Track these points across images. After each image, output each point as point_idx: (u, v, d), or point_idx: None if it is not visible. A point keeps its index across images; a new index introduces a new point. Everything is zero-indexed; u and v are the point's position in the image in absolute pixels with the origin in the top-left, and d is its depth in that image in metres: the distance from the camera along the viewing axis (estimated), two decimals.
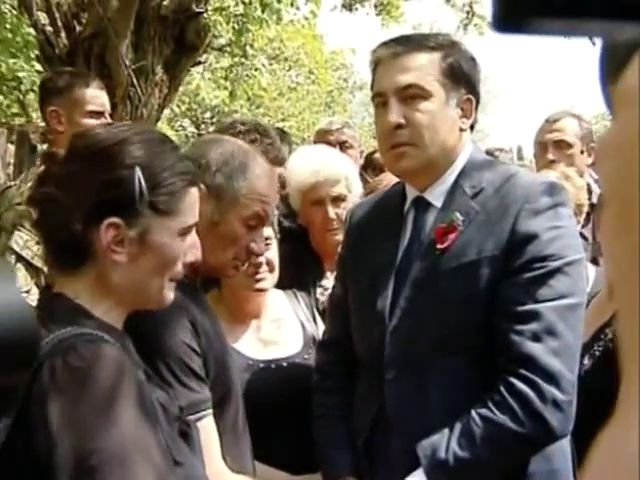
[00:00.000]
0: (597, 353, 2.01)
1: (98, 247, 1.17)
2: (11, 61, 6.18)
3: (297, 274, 2.23)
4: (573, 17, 0.34)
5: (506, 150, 5.71)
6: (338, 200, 2.23)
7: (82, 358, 1.08)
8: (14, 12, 5.71)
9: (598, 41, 0.44)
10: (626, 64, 0.39)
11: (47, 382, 1.06)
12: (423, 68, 1.57)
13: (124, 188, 1.17)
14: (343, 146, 3.26)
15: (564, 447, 1.57)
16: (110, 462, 1.01)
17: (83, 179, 1.17)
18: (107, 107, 2.69)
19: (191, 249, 1.27)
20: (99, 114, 2.62)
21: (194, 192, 1.27)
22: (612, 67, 0.42)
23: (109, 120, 2.67)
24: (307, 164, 2.30)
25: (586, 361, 1.93)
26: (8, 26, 5.76)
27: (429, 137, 1.57)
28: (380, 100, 1.62)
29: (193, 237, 1.28)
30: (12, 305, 0.48)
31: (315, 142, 3.46)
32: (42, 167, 1.24)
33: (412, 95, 1.56)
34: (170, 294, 1.26)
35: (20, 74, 6.27)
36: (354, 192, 2.28)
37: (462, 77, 1.60)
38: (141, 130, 1.28)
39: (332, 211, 2.21)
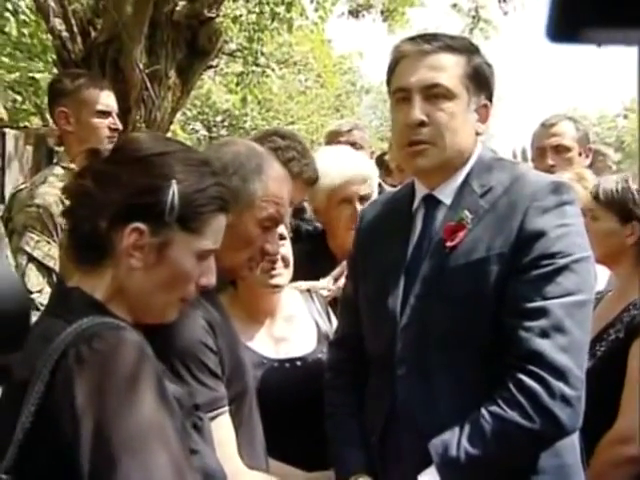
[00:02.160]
0: (599, 353, 2.03)
1: (118, 248, 1.20)
2: (30, 64, 6.25)
3: (313, 274, 2.26)
4: (627, 28, 0.35)
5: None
6: (364, 199, 2.26)
7: (107, 343, 1.11)
8: (32, 18, 5.78)
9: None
10: None
11: (73, 367, 1.08)
12: (449, 68, 1.57)
13: (157, 197, 1.19)
14: (353, 147, 3.29)
15: (574, 442, 1.58)
16: (129, 446, 1.04)
17: (120, 180, 1.20)
18: (115, 107, 2.71)
19: (206, 273, 1.28)
20: (107, 114, 2.65)
21: (222, 219, 1.29)
22: None
23: (117, 121, 2.70)
24: (334, 163, 2.33)
25: (587, 361, 1.95)
26: (26, 31, 5.84)
27: (449, 138, 1.57)
28: (402, 95, 1.61)
29: (210, 262, 1.29)
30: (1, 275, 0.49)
31: (326, 144, 3.49)
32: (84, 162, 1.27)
33: (437, 94, 1.57)
34: (174, 313, 1.28)
35: (37, 75, 6.32)
36: (375, 192, 2.32)
37: (484, 82, 1.62)
38: (186, 148, 1.32)
39: (360, 209, 2.24)
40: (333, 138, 3.48)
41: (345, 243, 2.30)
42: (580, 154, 3.01)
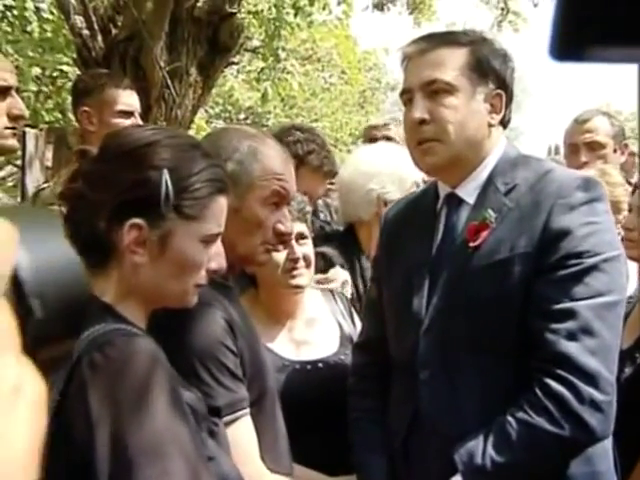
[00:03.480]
0: (639, 360, 1.96)
1: (120, 247, 1.18)
2: (55, 56, 6.30)
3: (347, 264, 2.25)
4: (632, 45, 0.34)
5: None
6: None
7: (120, 351, 1.09)
8: (55, 14, 5.82)
9: None
10: None
11: (87, 375, 1.07)
12: (447, 62, 1.56)
13: (150, 189, 1.17)
14: (389, 142, 3.27)
15: (606, 448, 1.54)
16: (145, 453, 1.03)
17: (111, 178, 1.18)
18: (137, 107, 2.71)
19: (215, 257, 1.27)
20: (129, 114, 2.64)
21: (221, 201, 1.26)
22: None
23: (139, 120, 2.69)
24: (387, 162, 2.31)
25: (627, 368, 1.88)
26: (48, 28, 5.89)
27: (454, 132, 1.55)
28: (407, 97, 1.61)
29: (218, 246, 1.27)
30: (61, 261, 0.46)
31: (363, 138, 3.48)
32: (75, 165, 1.25)
33: (436, 90, 1.55)
34: (194, 299, 1.26)
35: (65, 68, 6.37)
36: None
37: (490, 71, 1.58)
38: (173, 134, 1.29)
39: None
40: (369, 132, 3.46)
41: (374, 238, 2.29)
42: (615, 151, 2.93)
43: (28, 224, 0.39)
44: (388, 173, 2.34)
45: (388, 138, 3.25)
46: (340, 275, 2.25)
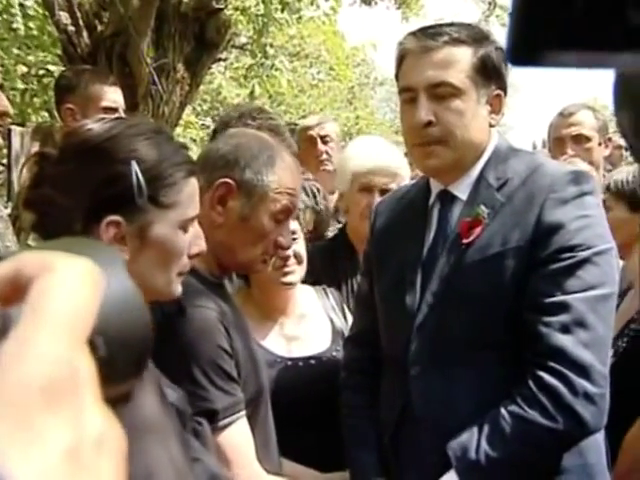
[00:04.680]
0: (621, 349, 1.98)
1: None
2: (41, 54, 6.24)
3: (333, 269, 2.24)
4: (589, 49, 0.34)
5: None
6: (386, 193, 2.22)
7: None
8: (40, 11, 5.77)
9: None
10: None
11: None
12: (454, 64, 1.53)
13: (122, 184, 1.13)
14: (323, 140, 3.28)
15: (598, 441, 1.54)
16: (130, 436, 1.00)
17: (79, 178, 1.13)
18: (121, 103, 2.69)
19: (195, 240, 1.23)
20: (114, 110, 2.61)
21: (193, 182, 1.23)
22: (626, 97, 0.42)
23: (124, 116, 2.67)
24: (370, 150, 2.31)
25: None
26: (33, 25, 5.84)
27: (459, 135, 1.53)
28: (409, 95, 1.57)
29: (196, 228, 1.24)
30: (122, 295, 0.43)
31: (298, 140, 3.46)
32: (35, 168, 1.20)
33: (443, 93, 1.53)
34: (178, 288, 1.22)
35: (52, 67, 6.32)
36: None
37: (493, 72, 1.56)
38: (134, 123, 1.24)
39: (377, 200, 2.21)
40: (303, 134, 3.45)
41: (358, 231, 2.29)
42: (600, 144, 2.94)
43: (88, 257, 0.37)
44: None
45: (322, 136, 3.25)
46: None
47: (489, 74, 1.56)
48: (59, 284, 0.33)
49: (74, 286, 0.34)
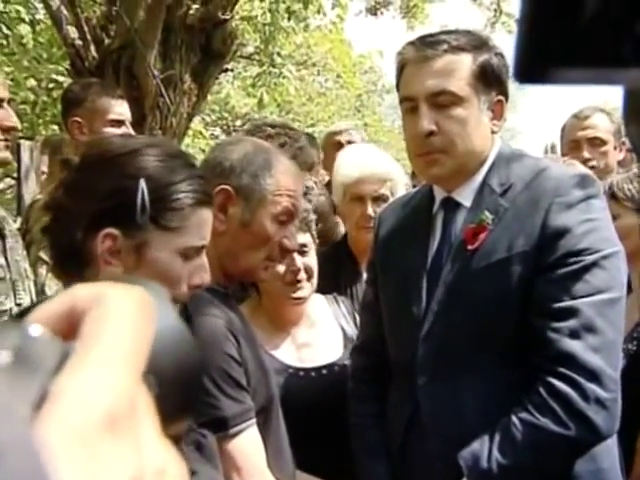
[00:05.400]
0: (631, 352, 1.96)
1: (95, 257, 1.15)
2: (51, 66, 6.27)
3: (334, 277, 2.23)
4: (596, 65, 0.33)
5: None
6: (379, 200, 2.22)
7: None
8: (48, 24, 5.80)
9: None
10: None
11: None
12: (454, 72, 1.52)
13: (126, 198, 1.13)
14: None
15: (610, 446, 1.52)
16: None
17: (89, 187, 1.15)
18: (128, 116, 2.69)
19: (198, 271, 1.21)
20: (120, 123, 2.63)
21: (204, 213, 1.21)
22: (634, 112, 0.42)
23: (130, 129, 2.67)
24: (355, 160, 2.30)
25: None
26: (42, 39, 5.88)
27: (461, 144, 1.53)
28: (410, 105, 1.57)
29: (202, 260, 1.22)
30: (172, 333, 0.41)
31: (323, 146, 3.46)
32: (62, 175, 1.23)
33: (444, 101, 1.52)
34: None
35: (61, 78, 6.36)
36: (397, 195, 2.26)
37: (493, 78, 1.55)
38: (155, 142, 1.25)
39: (371, 209, 2.20)
40: (330, 138, 3.47)
41: (357, 242, 2.29)
42: (615, 148, 2.91)
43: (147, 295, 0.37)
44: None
45: (351, 143, 3.26)
46: None
47: (489, 80, 1.55)
48: (113, 314, 0.33)
49: (128, 315, 0.33)
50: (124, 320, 0.33)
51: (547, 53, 0.33)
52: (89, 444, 0.29)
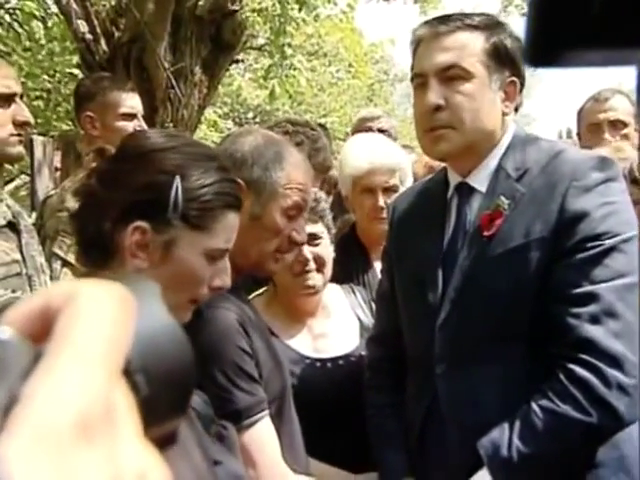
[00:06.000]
0: None
1: (122, 248, 1.15)
2: (66, 58, 6.29)
3: (345, 266, 2.21)
4: (610, 47, 0.32)
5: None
6: (390, 191, 2.20)
7: None
8: (60, 19, 5.82)
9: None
10: None
11: None
12: (465, 48, 1.51)
13: (159, 194, 1.14)
14: (383, 135, 3.24)
15: (632, 433, 1.48)
16: None
17: (122, 178, 1.16)
18: (140, 109, 2.69)
19: (220, 274, 1.22)
20: (132, 116, 2.62)
21: (232, 217, 1.22)
22: None
23: (142, 122, 2.67)
24: (363, 151, 2.28)
25: None
26: (55, 34, 5.90)
27: (469, 120, 1.51)
28: (420, 81, 1.56)
29: (225, 263, 1.23)
30: (162, 332, 0.40)
31: (354, 132, 3.44)
32: (93, 164, 1.24)
33: (453, 76, 1.51)
34: (186, 315, 1.20)
35: (75, 70, 6.39)
36: (406, 185, 2.25)
37: (506, 58, 1.53)
38: (191, 142, 1.26)
39: (382, 200, 2.19)
40: (361, 124, 3.42)
41: (369, 233, 2.28)
42: (636, 130, 2.85)
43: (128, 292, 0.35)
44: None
45: (382, 131, 3.22)
46: None
47: (502, 60, 1.53)
48: (87, 312, 0.31)
49: (104, 313, 0.32)
50: (99, 318, 0.31)
51: (559, 35, 0.32)
52: (60, 450, 0.27)
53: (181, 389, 0.41)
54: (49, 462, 0.27)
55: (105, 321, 0.31)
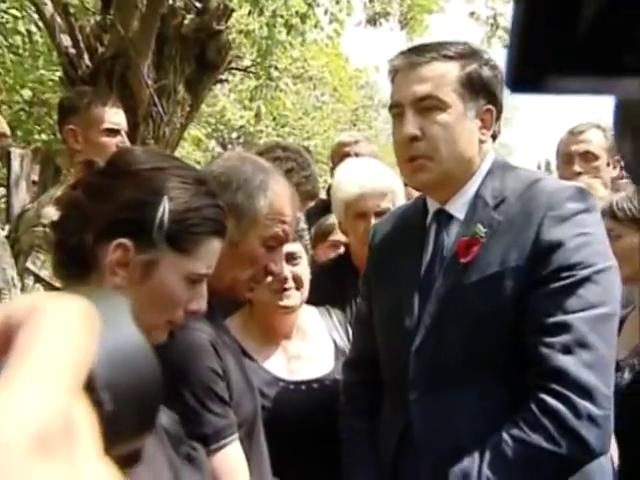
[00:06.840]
0: (637, 369, 1.93)
1: (102, 264, 1.14)
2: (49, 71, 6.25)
3: (339, 289, 2.22)
4: (592, 75, 0.32)
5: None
6: (382, 214, 2.19)
7: None
8: (43, 32, 5.80)
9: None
10: None
11: None
12: (440, 78, 1.52)
13: (146, 213, 1.13)
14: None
15: (603, 465, 1.49)
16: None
17: (110, 193, 1.15)
18: (124, 125, 2.68)
19: (198, 298, 1.21)
20: (116, 132, 2.61)
21: (216, 243, 1.22)
22: (626, 126, 0.40)
23: (126, 139, 2.66)
24: (354, 176, 2.28)
25: (626, 375, 1.86)
26: (39, 46, 5.88)
27: (446, 150, 1.52)
28: (397, 111, 1.57)
29: (203, 287, 1.23)
30: (130, 347, 0.39)
31: (332, 156, 3.46)
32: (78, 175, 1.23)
33: (428, 106, 1.52)
34: (161, 336, 1.19)
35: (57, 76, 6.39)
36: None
37: (481, 87, 1.55)
38: (182, 165, 1.26)
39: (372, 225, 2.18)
40: (340, 149, 3.44)
41: (362, 258, 2.25)
42: (608, 164, 2.91)
43: (94, 307, 0.34)
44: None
45: (358, 155, 3.24)
46: None
47: (477, 89, 1.54)
48: (48, 327, 0.31)
49: (66, 328, 0.31)
50: (60, 334, 0.31)
51: (541, 61, 0.32)
52: (15, 465, 0.26)
53: (147, 407, 0.40)
54: (3, 476, 0.26)
55: (66, 337, 0.31)
